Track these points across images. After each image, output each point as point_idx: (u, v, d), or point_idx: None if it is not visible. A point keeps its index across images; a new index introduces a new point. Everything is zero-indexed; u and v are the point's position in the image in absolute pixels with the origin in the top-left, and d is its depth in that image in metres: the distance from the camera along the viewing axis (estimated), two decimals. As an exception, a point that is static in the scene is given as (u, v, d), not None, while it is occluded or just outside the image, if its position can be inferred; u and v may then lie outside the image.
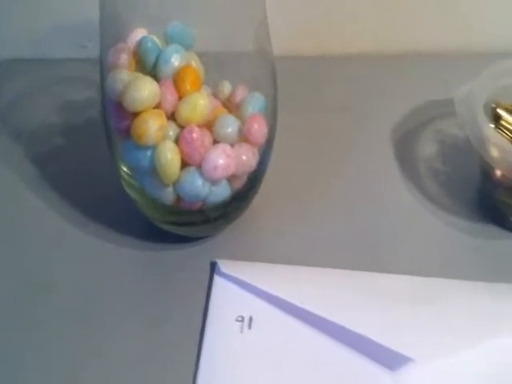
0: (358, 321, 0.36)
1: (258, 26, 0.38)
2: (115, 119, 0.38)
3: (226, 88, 0.40)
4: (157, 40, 0.38)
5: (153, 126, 0.36)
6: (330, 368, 0.35)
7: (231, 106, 0.39)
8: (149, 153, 0.36)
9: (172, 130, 0.37)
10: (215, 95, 0.39)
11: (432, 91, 0.50)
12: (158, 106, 0.36)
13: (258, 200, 0.42)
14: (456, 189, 0.44)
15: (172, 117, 0.37)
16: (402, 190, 0.45)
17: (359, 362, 0.35)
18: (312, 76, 0.53)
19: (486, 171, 0.42)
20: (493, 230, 0.42)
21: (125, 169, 0.39)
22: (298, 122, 0.48)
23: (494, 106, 0.42)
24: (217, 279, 0.39)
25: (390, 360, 0.34)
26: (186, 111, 0.36)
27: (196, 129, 0.36)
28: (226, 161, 0.37)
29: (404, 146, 0.48)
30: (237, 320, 0.37)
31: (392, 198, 0.44)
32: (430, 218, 0.43)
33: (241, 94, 0.39)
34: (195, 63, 0.38)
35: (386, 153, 0.47)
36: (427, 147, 0.48)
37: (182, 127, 0.37)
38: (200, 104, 0.36)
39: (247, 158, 0.38)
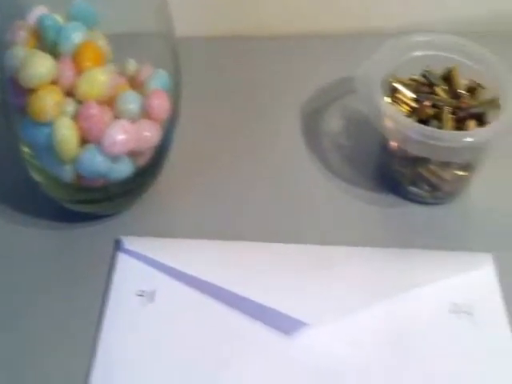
0: (255, 289, 0.37)
1: (159, 6, 0.39)
2: (13, 97, 0.37)
3: (131, 66, 0.40)
4: (59, 18, 0.37)
5: (49, 102, 0.35)
6: (230, 336, 0.36)
7: (136, 84, 0.39)
8: (46, 130, 0.36)
9: (72, 107, 0.36)
10: (121, 73, 0.39)
11: (340, 70, 0.51)
12: (55, 83, 0.36)
13: (164, 176, 0.42)
14: (359, 162, 0.46)
15: (72, 93, 0.36)
16: (308, 164, 0.46)
17: (256, 329, 0.36)
18: (221, 56, 0.53)
19: (384, 144, 0.43)
20: (391, 199, 0.44)
21: (26, 149, 0.39)
22: (206, 100, 0.49)
23: (390, 80, 0.43)
24: (120, 256, 0.39)
25: (285, 325, 0.35)
26: (84, 87, 0.36)
27: (94, 105, 0.36)
28: (125, 136, 0.37)
29: (310, 122, 0.49)
30: (137, 294, 0.37)
31: (297, 172, 0.45)
32: (335, 190, 0.44)
33: (146, 72, 0.39)
34: (101, 42, 0.38)
35: (292, 129, 0.48)
36: (332, 123, 0.49)
37: (81, 103, 0.36)
38: (99, 80, 0.36)
39: (150, 134, 0.38)
